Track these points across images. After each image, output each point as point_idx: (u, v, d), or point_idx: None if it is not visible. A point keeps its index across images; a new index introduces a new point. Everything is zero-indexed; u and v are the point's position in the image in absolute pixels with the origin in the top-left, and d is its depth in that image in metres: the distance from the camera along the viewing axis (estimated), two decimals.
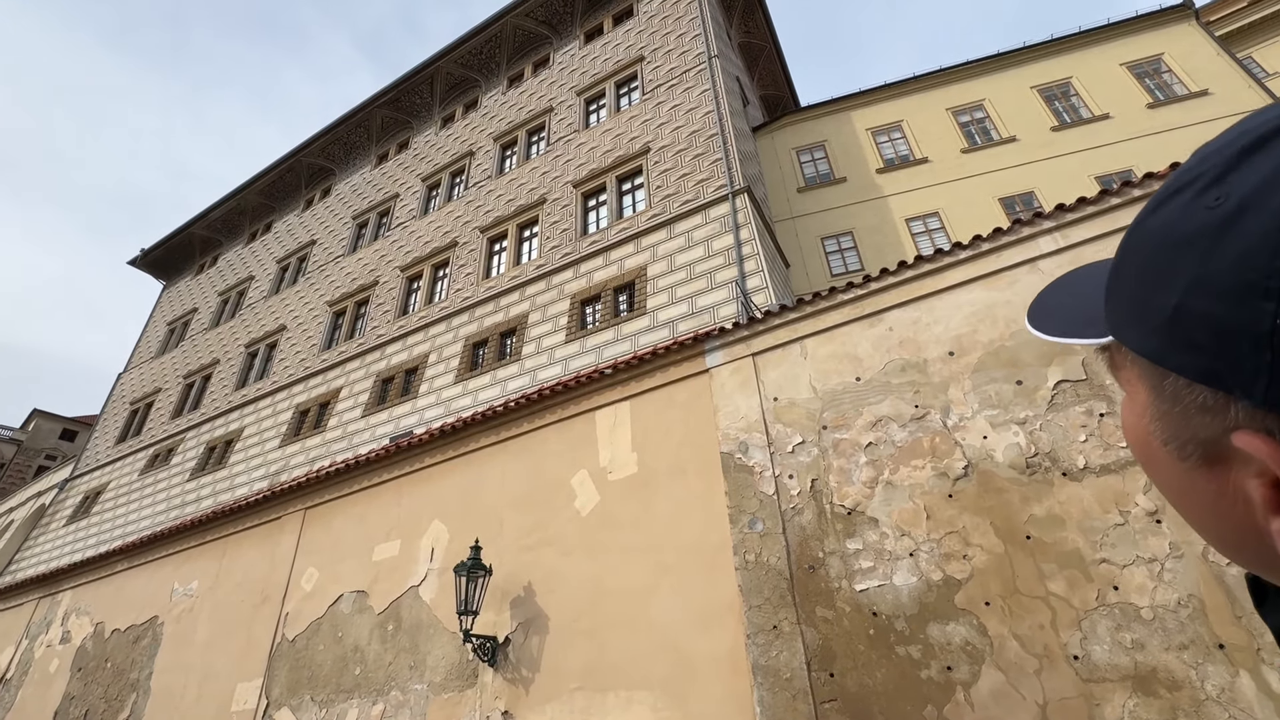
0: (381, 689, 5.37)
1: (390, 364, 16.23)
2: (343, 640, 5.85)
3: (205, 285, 25.65)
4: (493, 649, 4.94)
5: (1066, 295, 0.39)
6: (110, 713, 6.91)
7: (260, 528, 7.26)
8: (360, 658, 5.64)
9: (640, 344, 11.68)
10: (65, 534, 20.73)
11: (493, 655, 4.92)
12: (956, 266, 4.57)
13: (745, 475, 4.63)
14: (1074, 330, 0.36)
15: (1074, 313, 0.37)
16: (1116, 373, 0.35)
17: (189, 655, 6.79)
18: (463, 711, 4.89)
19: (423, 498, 6.20)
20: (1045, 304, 0.40)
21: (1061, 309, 0.38)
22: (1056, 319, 0.38)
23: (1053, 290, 0.40)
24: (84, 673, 7.52)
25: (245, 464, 17.28)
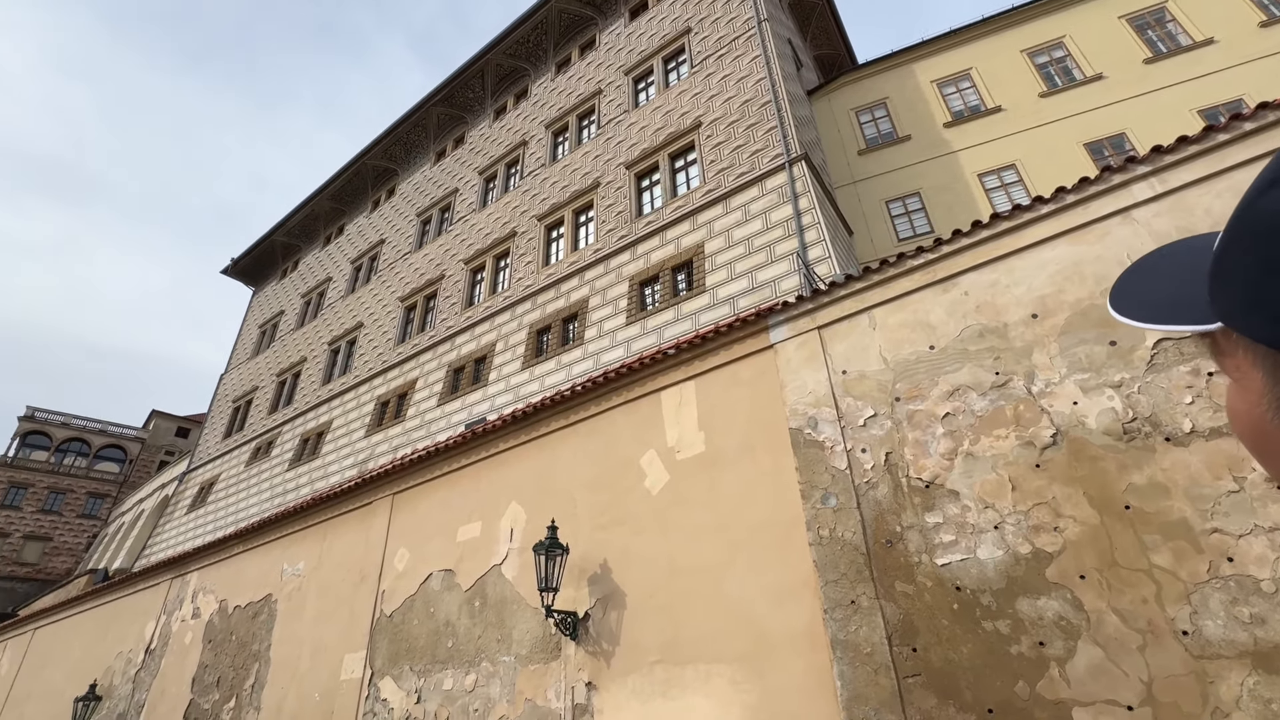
0: (473, 660, 5.71)
1: (460, 354, 16.88)
2: (435, 615, 6.24)
3: (289, 289, 27.39)
4: (573, 624, 5.14)
5: (1150, 277, 0.37)
6: (239, 679, 7.68)
7: (354, 512, 7.80)
8: (451, 631, 6.00)
9: (701, 322, 11.63)
10: (187, 521, 22.95)
11: (574, 630, 5.13)
12: (1038, 222, 4.29)
13: (815, 451, 4.57)
14: (1163, 315, 0.35)
15: (1160, 295, 0.36)
16: (1221, 359, 0.33)
17: (300, 629, 7.44)
18: (549, 682, 5.14)
19: (500, 481, 6.48)
20: (1128, 287, 0.38)
21: (1147, 292, 0.37)
22: (1143, 303, 0.36)
23: (1135, 272, 0.39)
24: (214, 644, 8.38)
25: (336, 453, 18.52)
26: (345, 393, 20.18)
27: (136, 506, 29.98)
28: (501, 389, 14.75)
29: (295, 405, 22.10)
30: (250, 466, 21.97)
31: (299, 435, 20.78)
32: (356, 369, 20.50)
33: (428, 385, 17.28)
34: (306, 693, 6.85)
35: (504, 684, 5.40)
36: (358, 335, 21.51)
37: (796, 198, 11.66)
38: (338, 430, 19.32)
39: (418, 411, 16.81)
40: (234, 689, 7.70)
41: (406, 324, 19.92)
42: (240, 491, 21.38)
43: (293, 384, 23.26)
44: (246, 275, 30.42)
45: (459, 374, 16.67)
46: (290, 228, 28.26)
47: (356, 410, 19.18)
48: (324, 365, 22.06)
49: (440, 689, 5.78)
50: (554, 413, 6.37)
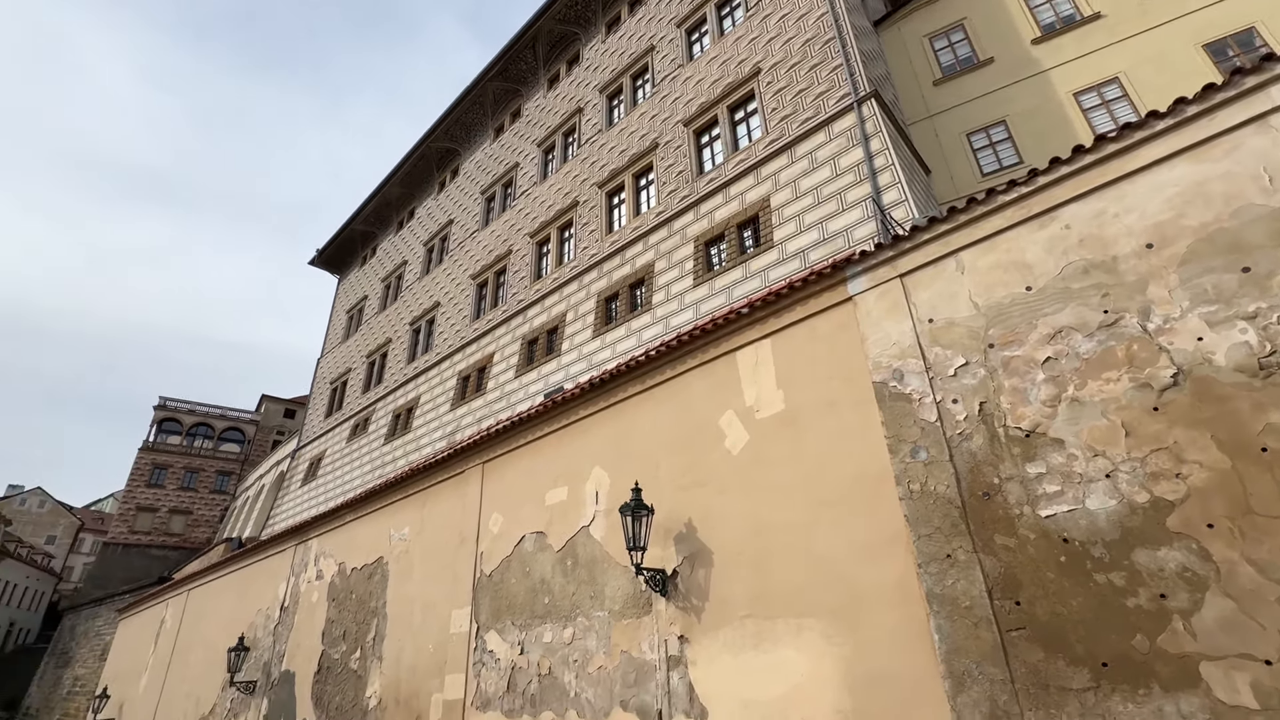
0: (569, 615, 6.02)
1: (532, 326, 17.34)
2: (530, 574, 6.60)
3: (370, 274, 28.89)
4: (662, 580, 5.30)
5: None
6: (361, 633, 8.48)
7: (448, 481, 8.30)
8: (547, 589, 6.34)
9: (770, 279, 11.35)
10: (302, 494, 25.19)
11: (663, 586, 5.29)
12: (1152, 140, 3.86)
13: (902, 404, 4.42)
14: None
15: None
16: None
17: (410, 588, 8.09)
18: (642, 635, 5.36)
19: (582, 447, 6.69)
20: None
21: None
22: None
23: None
24: (337, 602, 9.27)
25: (425, 427, 19.66)
26: (429, 369, 21.27)
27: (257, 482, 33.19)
28: (575, 358, 15.07)
29: (385, 384, 23.54)
30: (351, 442, 23.72)
31: (391, 411, 22.16)
32: (437, 346, 21.51)
33: (504, 358, 17.91)
34: (421, 645, 7.48)
35: (600, 637, 5.68)
36: (435, 314, 22.48)
37: (867, 139, 11.02)
38: (425, 405, 20.46)
39: (497, 384, 17.50)
40: (358, 641, 8.51)
41: (480, 300, 20.60)
42: (344, 466, 23.18)
43: (381, 364, 24.73)
44: (331, 264, 32.28)
45: (533, 346, 17.15)
46: (366, 215, 29.61)
47: (440, 385, 20.20)
48: (407, 345, 23.27)
49: (541, 642, 6.16)
50: (629, 378, 6.47)
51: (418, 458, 18.43)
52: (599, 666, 5.57)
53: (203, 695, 11.55)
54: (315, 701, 8.74)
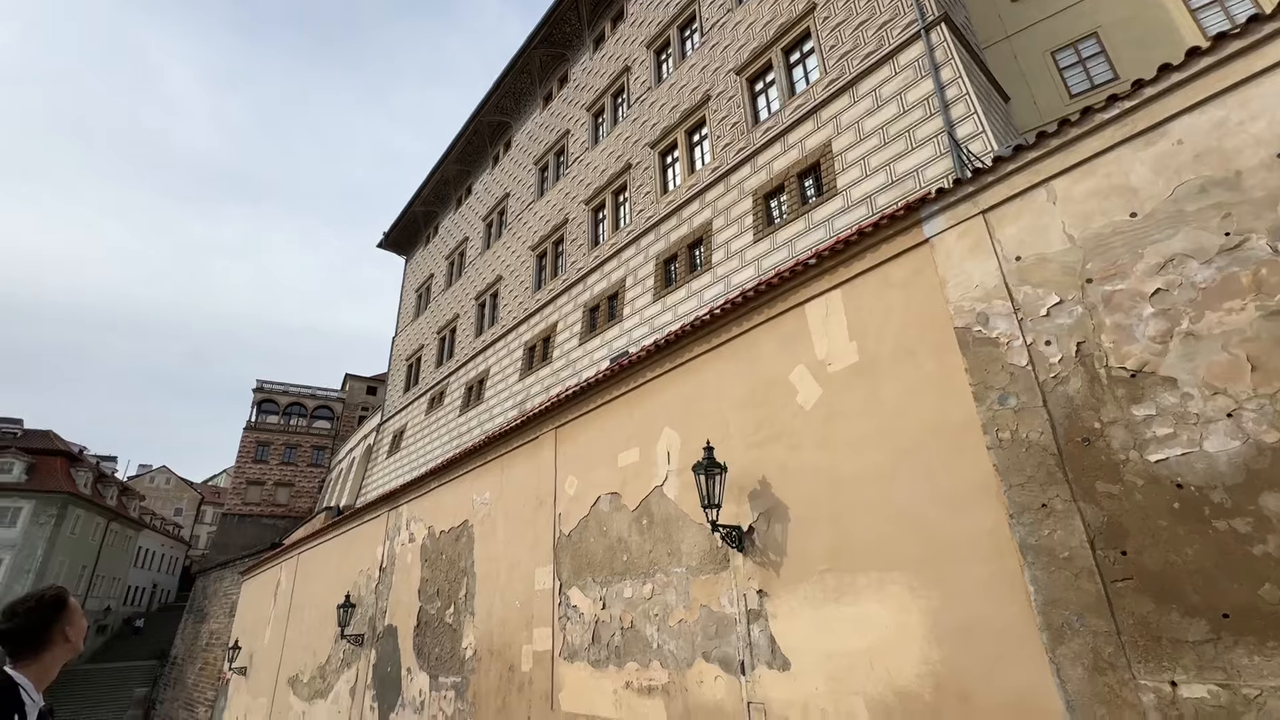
0: (647, 572, 6.18)
1: (593, 294, 17.46)
2: (607, 533, 6.80)
3: (434, 253, 29.80)
4: (739, 536, 5.33)
5: None
6: (453, 590, 9.05)
7: (524, 447, 8.60)
8: (625, 547, 6.52)
9: (835, 229, 10.89)
10: (389, 464, 26.85)
11: (739, 542, 5.33)
12: None
13: (988, 349, 4.17)
14: None
15: None
16: None
17: (495, 548, 8.52)
18: (721, 590, 5.44)
19: (651, 408, 6.74)
20: None
21: None
22: None
23: None
24: (429, 562, 9.90)
25: (496, 397, 20.39)
26: (496, 342, 21.91)
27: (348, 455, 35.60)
28: (636, 322, 15.11)
29: (456, 358, 24.47)
30: (429, 414, 24.94)
31: (464, 384, 23.08)
32: (502, 319, 22.07)
33: (567, 327, 18.18)
34: (509, 601, 7.91)
35: (679, 592, 5.81)
36: (499, 287, 23.01)
37: (937, 69, 10.22)
38: (495, 376, 21.16)
39: (562, 353, 17.83)
40: (451, 598, 9.10)
41: (540, 271, 20.90)
42: (425, 437, 24.45)
43: (451, 339, 25.67)
44: (397, 246, 33.50)
45: (594, 313, 17.31)
46: (426, 195, 30.40)
47: (508, 357, 20.80)
48: (474, 319, 24.01)
49: (621, 597, 6.37)
50: (694, 338, 6.42)
51: (491, 427, 19.18)
52: (679, 620, 5.72)
53: (318, 647, 12.73)
54: (417, 652, 9.46)
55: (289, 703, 13.30)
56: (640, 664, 5.94)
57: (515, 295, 21.61)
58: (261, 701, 14.79)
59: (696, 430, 6.09)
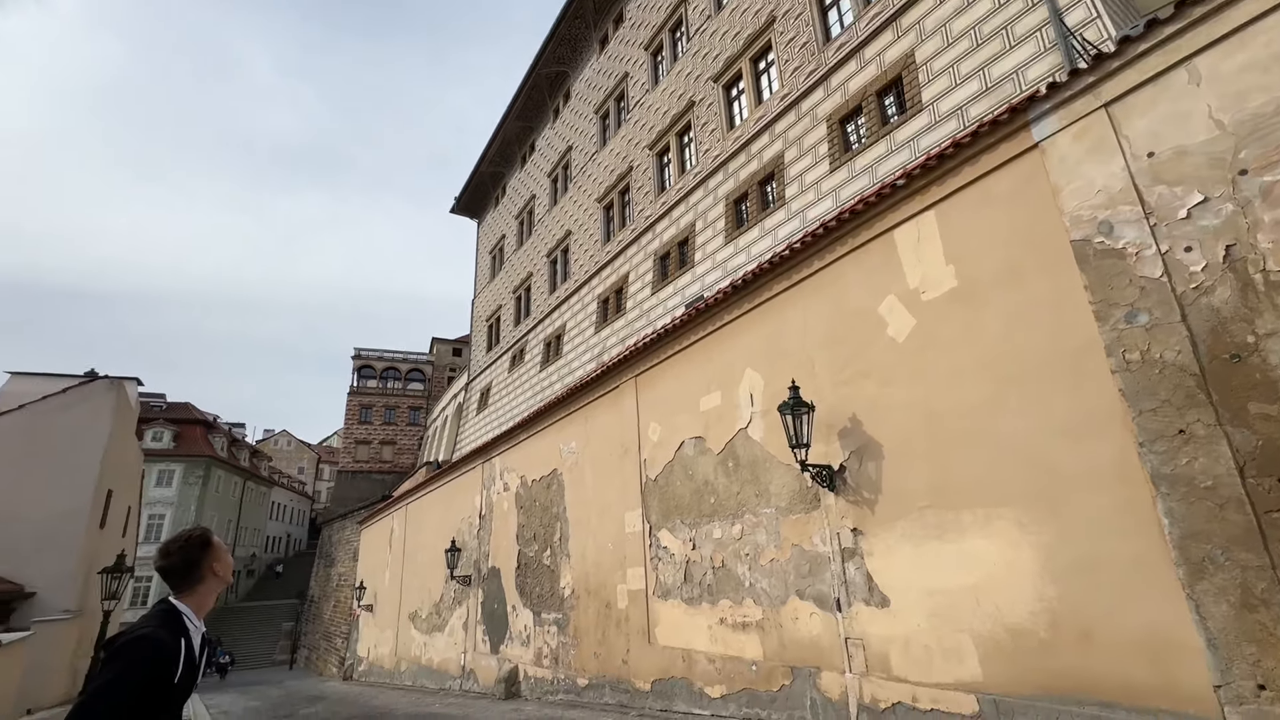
0: (735, 513, 6.21)
1: (662, 241, 17.20)
2: (693, 477, 6.86)
3: (504, 214, 30.26)
4: (829, 476, 5.21)
5: None
6: (548, 534, 9.53)
7: (605, 397, 8.74)
8: (711, 489, 6.56)
9: (921, 148, 10.03)
10: (478, 420, 28.30)
11: (830, 481, 5.21)
12: None
13: (1113, 261, 3.73)
14: None
15: None
16: None
17: (585, 494, 8.83)
18: (812, 529, 5.38)
19: (731, 351, 6.62)
20: None
21: None
22: None
23: None
24: (524, 509, 10.44)
25: (574, 351, 20.81)
26: (569, 297, 22.21)
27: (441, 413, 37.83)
28: (708, 267, 14.80)
29: (533, 315, 25.07)
30: (512, 372, 25.90)
31: (542, 340, 23.69)
32: (574, 274, 22.27)
33: (639, 277, 18.10)
34: (601, 544, 8.23)
35: (768, 532, 5.80)
36: (568, 243, 23.14)
37: None
38: (571, 331, 21.55)
39: (635, 303, 17.83)
40: (547, 542, 9.59)
41: (608, 223, 20.77)
42: (510, 393, 25.49)
43: (526, 298, 26.27)
44: (469, 210, 34.26)
45: (665, 261, 17.09)
46: (491, 157, 30.68)
47: (582, 311, 21.06)
48: (547, 276, 24.37)
49: (711, 538, 6.46)
50: (773, 276, 6.18)
51: (571, 380, 19.68)
52: (770, 559, 5.73)
53: (432, 587, 13.90)
54: (520, 591, 10.11)
55: (411, 635, 14.72)
56: (733, 601, 6.05)
57: (585, 249, 21.67)
58: (387, 634, 16.45)
59: (780, 370, 5.93)
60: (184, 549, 1.86)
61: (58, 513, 8.84)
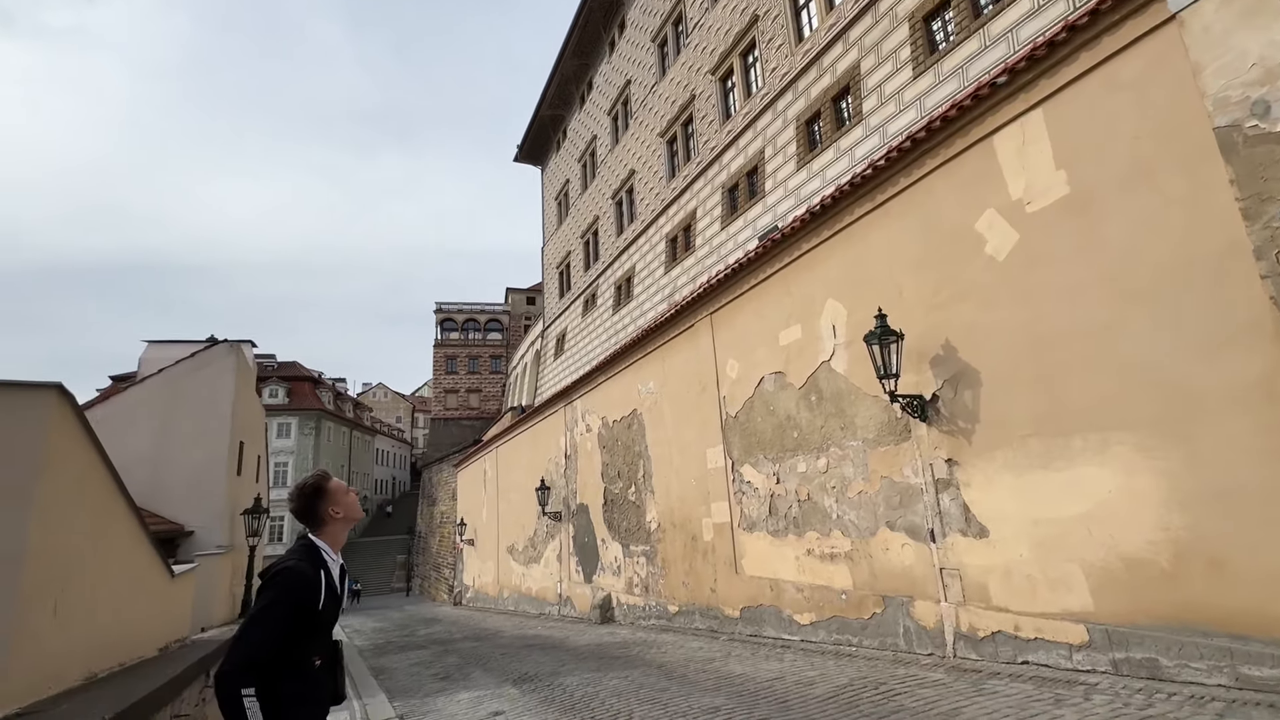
0: (820, 447, 6.13)
1: (730, 172, 16.53)
2: (775, 412, 6.79)
3: (566, 157, 29.98)
4: (921, 406, 5.00)
5: None
6: (632, 472, 9.83)
7: (680, 336, 8.71)
8: (794, 424, 6.48)
9: (1021, 38, 8.92)
10: (556, 366, 29.16)
11: (922, 411, 5.00)
12: None
13: (1268, 148, 3.21)
14: None
15: None
16: None
17: (665, 433, 8.99)
18: (903, 461, 5.23)
19: (810, 282, 6.36)
20: None
21: None
22: None
23: None
24: (607, 449, 10.79)
25: (645, 292, 20.77)
26: (637, 238, 21.99)
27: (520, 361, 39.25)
28: (780, 196, 14.14)
29: (602, 259, 25.11)
30: (585, 317, 26.30)
31: (612, 284, 23.78)
32: (640, 214, 21.96)
33: (706, 212, 17.60)
34: (685, 479, 8.41)
35: (856, 465, 5.70)
36: (633, 182, 22.72)
37: None
38: (640, 273, 21.45)
39: (704, 240, 17.43)
40: (630, 479, 9.91)
41: (672, 158, 20.15)
42: (584, 338, 25.98)
43: (594, 242, 26.27)
44: (532, 157, 34.17)
45: (733, 193, 16.47)
46: (550, 99, 30.18)
47: (650, 251, 20.85)
48: (613, 218, 24.17)
49: (795, 471, 6.43)
50: (854, 199, 5.80)
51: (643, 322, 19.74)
52: (859, 491, 5.65)
53: (525, 522, 14.83)
54: (608, 525, 10.59)
55: (510, 566, 15.89)
56: (820, 533, 6.06)
57: (650, 187, 21.21)
58: (489, 565, 17.84)
59: (864, 299, 5.65)
60: (300, 497, 2.05)
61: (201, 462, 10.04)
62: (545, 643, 8.63)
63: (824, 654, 5.56)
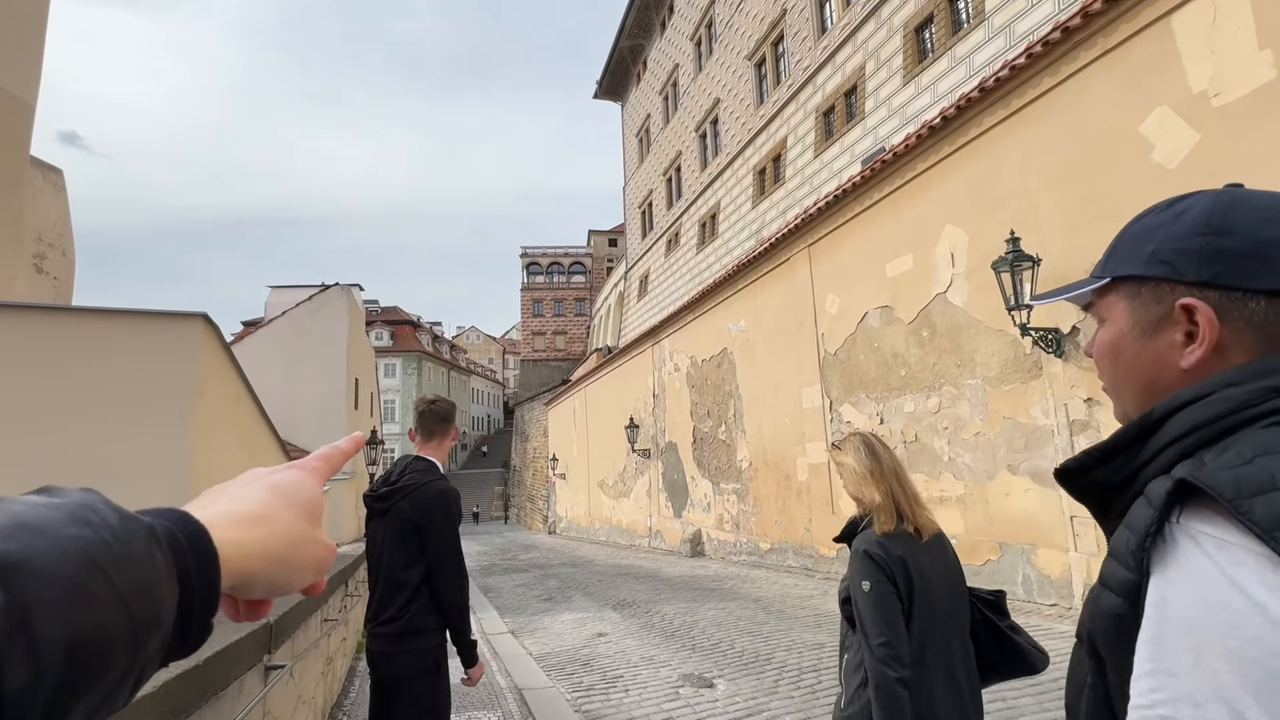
0: (931, 385, 5.72)
1: (825, 93, 15.28)
2: (879, 349, 6.39)
3: (646, 91, 28.91)
4: (1057, 340, 4.50)
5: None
6: (722, 411, 9.75)
7: (774, 272, 8.33)
8: (901, 361, 6.08)
9: None
10: (639, 307, 29.20)
11: (1058, 346, 4.50)
12: None
13: None
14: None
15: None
16: (1096, 311, 0.54)
17: (757, 371, 8.77)
18: (1030, 400, 4.77)
19: (925, 206, 5.79)
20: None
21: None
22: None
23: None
24: (696, 388, 10.74)
25: (731, 229, 20.08)
26: (722, 172, 21.10)
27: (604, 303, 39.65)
28: (882, 116, 12.94)
29: (685, 196, 24.41)
30: (668, 257, 25.94)
31: (696, 222, 23.15)
32: (726, 146, 20.97)
33: (798, 139, 16.50)
34: (778, 419, 8.22)
35: (973, 405, 5.28)
36: (718, 112, 21.63)
37: None
38: (726, 209, 20.69)
39: (795, 170, 16.44)
40: (721, 418, 9.84)
41: (760, 82, 18.90)
42: (667, 279, 25.72)
43: (677, 178, 25.52)
44: (611, 93, 33.24)
45: (828, 116, 15.28)
46: (629, 29, 28.92)
47: (737, 185, 19.98)
48: (697, 152, 23.27)
49: (901, 412, 6.08)
50: (983, 108, 5.13)
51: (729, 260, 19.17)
52: (975, 433, 5.26)
53: (615, 459, 15.27)
54: (697, 464, 10.67)
55: (601, 500, 16.55)
56: (929, 476, 5.74)
57: (736, 116, 20.10)
58: (580, 498, 18.68)
59: (991, 221, 5.07)
60: (438, 412, 2.11)
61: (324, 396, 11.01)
62: (639, 572, 8.96)
63: None
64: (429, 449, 2.13)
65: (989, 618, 1.50)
